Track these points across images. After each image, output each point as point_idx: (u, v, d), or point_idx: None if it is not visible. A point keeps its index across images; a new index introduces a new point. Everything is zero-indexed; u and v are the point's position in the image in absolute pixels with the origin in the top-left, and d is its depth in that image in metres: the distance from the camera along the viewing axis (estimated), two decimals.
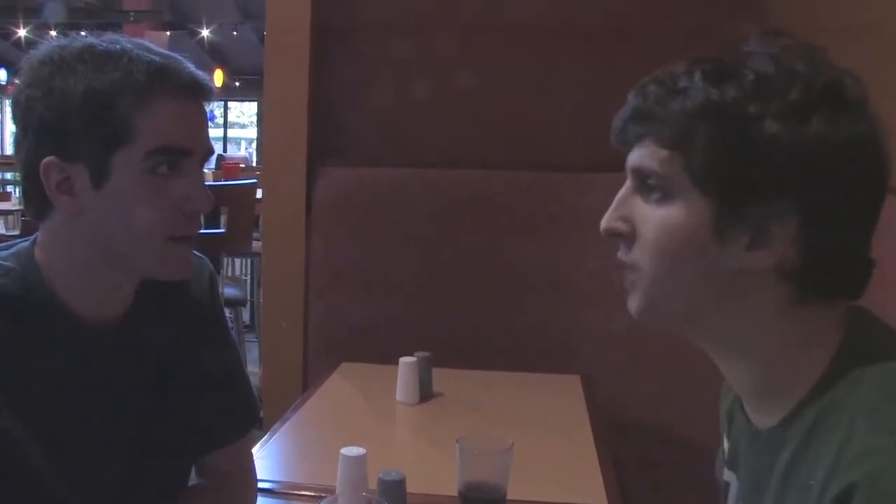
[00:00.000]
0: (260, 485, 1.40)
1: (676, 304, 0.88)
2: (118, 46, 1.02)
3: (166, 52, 1.06)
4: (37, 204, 1.03)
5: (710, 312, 0.87)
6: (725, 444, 1.07)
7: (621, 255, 0.91)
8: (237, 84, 15.76)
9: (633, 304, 0.91)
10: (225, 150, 15.92)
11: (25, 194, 1.05)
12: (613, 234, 0.91)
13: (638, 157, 0.88)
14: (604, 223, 0.91)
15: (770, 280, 0.83)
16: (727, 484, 1.02)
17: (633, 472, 2.21)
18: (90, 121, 0.98)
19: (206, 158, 1.08)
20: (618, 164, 0.94)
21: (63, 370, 1.05)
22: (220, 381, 1.26)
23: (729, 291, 0.85)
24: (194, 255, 1.15)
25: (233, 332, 1.39)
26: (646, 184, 0.88)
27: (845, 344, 0.84)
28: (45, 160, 0.99)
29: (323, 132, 2.60)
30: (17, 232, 5.10)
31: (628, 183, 0.91)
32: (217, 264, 4.21)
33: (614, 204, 0.91)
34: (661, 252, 0.86)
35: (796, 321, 0.85)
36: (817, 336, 0.85)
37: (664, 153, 0.85)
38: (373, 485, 1.32)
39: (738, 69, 0.82)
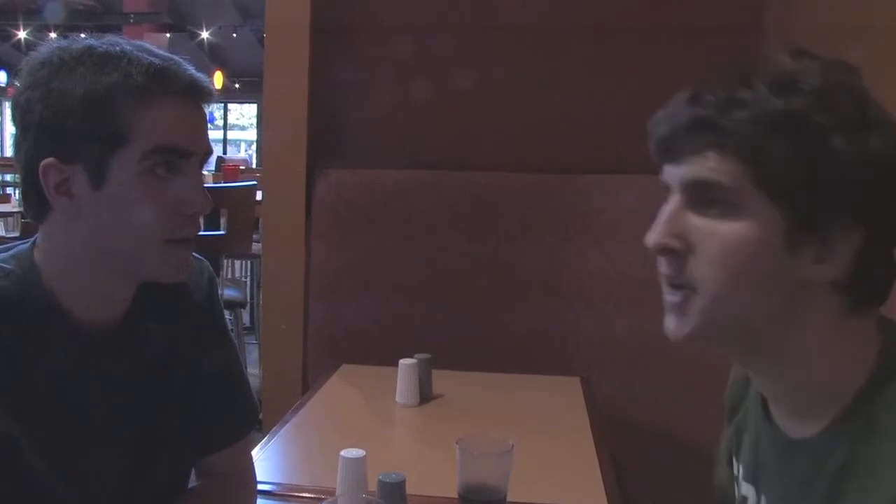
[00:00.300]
0: (260, 486, 1.40)
1: (736, 321, 0.86)
2: (118, 48, 1.01)
3: (167, 54, 1.05)
4: (36, 205, 1.03)
5: (767, 327, 0.86)
6: (733, 459, 1.06)
7: (670, 272, 0.87)
8: (237, 86, 15.76)
9: (684, 325, 0.88)
10: (225, 152, 15.92)
11: (25, 195, 1.05)
12: (665, 251, 0.87)
13: (698, 169, 0.84)
14: (655, 238, 0.86)
15: (825, 292, 0.83)
16: (744, 498, 1.01)
17: (633, 474, 2.21)
18: (89, 122, 0.98)
19: (204, 160, 1.08)
20: (618, 167, 0.94)
21: (62, 372, 1.05)
22: (220, 382, 1.26)
23: (789, 305, 0.84)
24: (194, 257, 1.14)
25: (232, 334, 1.39)
26: (704, 197, 0.84)
27: (884, 351, 0.85)
28: (44, 161, 0.99)
29: (323, 134, 2.60)
30: (16, 234, 5.10)
31: (678, 197, 0.87)
32: (217, 266, 4.20)
33: (664, 218, 0.87)
34: (729, 268, 0.83)
35: (843, 331, 0.85)
36: (858, 344, 0.85)
37: (733, 166, 0.82)
38: (373, 486, 1.31)
39: (795, 81, 0.81)
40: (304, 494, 1.50)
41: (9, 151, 12.88)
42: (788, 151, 0.80)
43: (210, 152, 1.09)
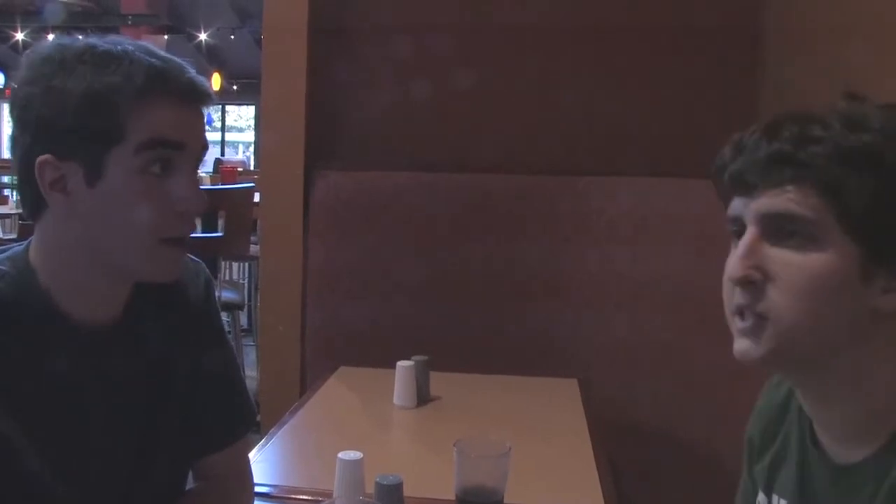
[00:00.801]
0: (257, 489, 1.39)
1: (810, 348, 0.89)
2: (120, 48, 1.01)
3: (168, 55, 1.05)
4: (31, 202, 1.03)
5: (838, 354, 0.89)
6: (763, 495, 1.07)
7: (747, 302, 0.90)
8: (235, 88, 15.75)
9: (758, 349, 0.90)
10: (223, 154, 15.91)
11: (21, 193, 1.04)
12: (745, 283, 0.89)
13: (778, 202, 0.87)
14: (739, 271, 0.89)
15: (891, 320, 0.87)
16: None
17: (631, 475, 2.21)
18: (87, 120, 0.98)
19: (200, 157, 1.08)
20: (618, 169, 0.94)
21: (59, 373, 1.04)
22: (217, 384, 1.26)
23: (861, 333, 0.87)
24: (190, 259, 1.13)
25: (230, 335, 1.38)
26: (783, 229, 0.87)
27: None
28: (40, 158, 0.98)
29: (321, 134, 2.60)
30: (14, 236, 5.09)
31: (754, 229, 0.90)
32: (214, 268, 4.20)
33: (745, 252, 0.89)
34: (807, 298, 0.86)
35: None
36: None
37: (814, 199, 0.85)
38: (370, 489, 1.31)
39: (864, 121, 0.85)
40: (301, 496, 1.49)
41: (6, 153, 12.88)
42: (865, 185, 0.83)
43: (206, 147, 1.09)
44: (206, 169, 8.67)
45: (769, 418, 1.10)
